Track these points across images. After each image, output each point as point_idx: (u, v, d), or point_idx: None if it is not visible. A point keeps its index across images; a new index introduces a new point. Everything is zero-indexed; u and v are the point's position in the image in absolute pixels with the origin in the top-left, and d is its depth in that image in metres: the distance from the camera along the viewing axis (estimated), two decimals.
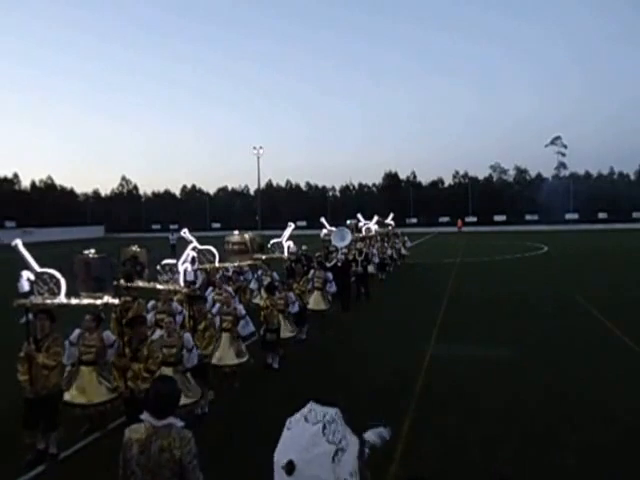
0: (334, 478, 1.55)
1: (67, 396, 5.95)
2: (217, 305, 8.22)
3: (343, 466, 1.57)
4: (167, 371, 6.06)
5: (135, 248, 8.19)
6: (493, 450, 5.61)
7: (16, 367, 5.64)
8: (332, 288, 12.21)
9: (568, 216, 65.99)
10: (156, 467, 2.98)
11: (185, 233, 8.75)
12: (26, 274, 5.59)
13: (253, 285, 12.37)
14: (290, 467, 1.57)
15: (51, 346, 5.60)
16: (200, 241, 9.27)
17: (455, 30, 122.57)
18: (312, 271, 12.30)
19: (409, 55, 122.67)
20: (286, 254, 11.03)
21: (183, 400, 5.57)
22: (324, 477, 1.56)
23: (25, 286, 5.49)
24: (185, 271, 7.00)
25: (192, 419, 5.69)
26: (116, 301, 6.21)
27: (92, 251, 6.14)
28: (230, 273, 11.21)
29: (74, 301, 5.93)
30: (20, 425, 5.59)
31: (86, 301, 5.99)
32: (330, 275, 12.34)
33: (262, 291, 10.57)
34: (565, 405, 6.90)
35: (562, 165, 78.36)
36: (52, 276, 5.75)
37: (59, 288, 5.78)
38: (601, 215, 64.35)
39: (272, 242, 11.18)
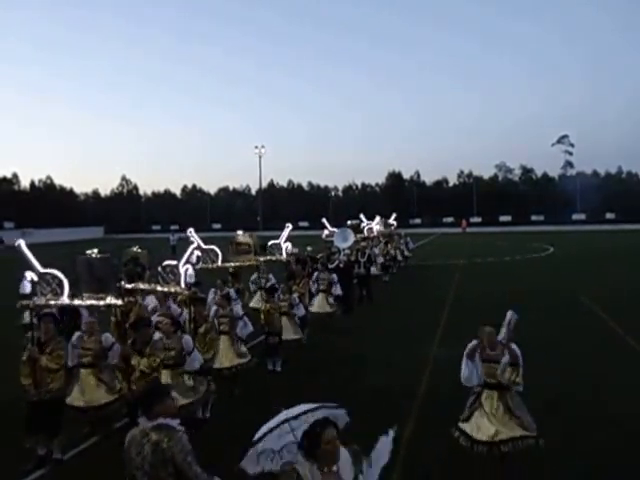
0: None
1: (67, 399, 5.90)
2: (214, 308, 8.13)
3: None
4: (166, 373, 6.03)
5: (136, 249, 8.14)
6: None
7: (17, 369, 5.58)
8: (337, 291, 12.05)
9: (575, 216, 65.24)
10: (151, 468, 3.01)
11: (191, 233, 8.67)
12: (29, 275, 5.55)
13: (252, 288, 12.11)
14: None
15: (55, 349, 5.59)
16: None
17: (458, 29, 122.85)
18: (316, 273, 12.10)
19: (411, 54, 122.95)
20: (284, 255, 10.88)
21: (181, 401, 5.54)
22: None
23: (27, 287, 5.46)
24: (186, 272, 6.94)
25: (193, 422, 5.61)
26: (119, 302, 6.17)
27: (95, 251, 6.09)
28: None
29: (77, 302, 5.90)
30: (21, 427, 5.55)
31: (89, 302, 5.95)
32: (335, 277, 12.14)
33: (260, 293, 10.41)
34: (569, 406, 6.84)
35: (569, 164, 77.71)
36: (55, 277, 5.71)
37: (62, 289, 5.73)
38: (609, 215, 63.51)
39: (270, 243, 11.04)
